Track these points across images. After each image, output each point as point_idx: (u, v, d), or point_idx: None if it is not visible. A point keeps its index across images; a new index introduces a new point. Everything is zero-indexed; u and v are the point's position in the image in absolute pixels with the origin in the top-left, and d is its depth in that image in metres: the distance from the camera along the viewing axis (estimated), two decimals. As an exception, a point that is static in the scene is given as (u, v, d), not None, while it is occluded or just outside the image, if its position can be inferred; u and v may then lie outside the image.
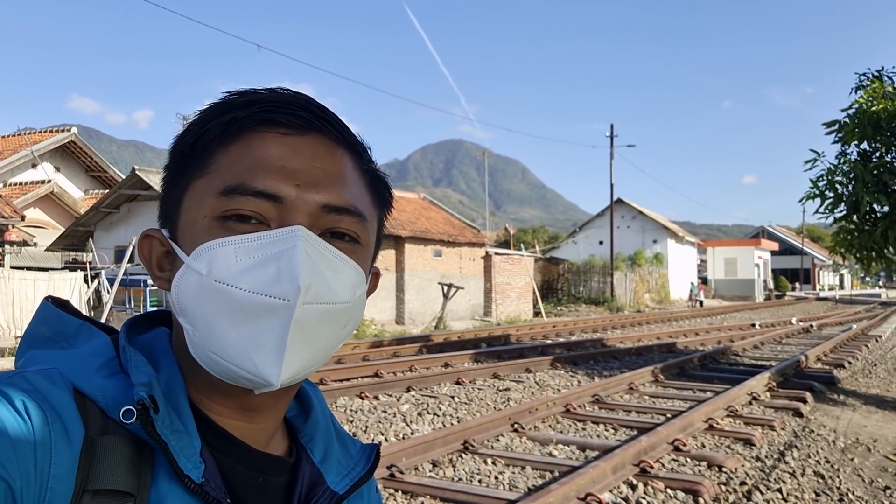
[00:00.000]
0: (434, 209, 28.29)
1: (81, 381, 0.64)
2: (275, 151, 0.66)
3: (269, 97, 0.68)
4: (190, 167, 0.69)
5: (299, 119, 0.68)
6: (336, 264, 0.67)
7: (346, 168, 0.70)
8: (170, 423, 0.64)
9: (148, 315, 0.78)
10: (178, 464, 0.62)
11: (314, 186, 0.67)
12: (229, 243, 0.64)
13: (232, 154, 0.67)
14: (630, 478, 5.23)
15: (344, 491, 0.75)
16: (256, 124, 0.67)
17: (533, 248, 39.30)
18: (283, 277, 0.62)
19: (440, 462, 5.73)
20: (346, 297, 0.67)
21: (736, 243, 63.47)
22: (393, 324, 22.52)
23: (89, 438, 0.60)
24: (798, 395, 8.91)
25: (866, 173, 9.22)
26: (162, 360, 0.70)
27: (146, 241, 0.73)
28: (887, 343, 17.69)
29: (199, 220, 0.66)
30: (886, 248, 9.46)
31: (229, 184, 0.65)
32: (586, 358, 13.10)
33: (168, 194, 0.72)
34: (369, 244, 0.73)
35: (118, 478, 0.60)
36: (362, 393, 8.65)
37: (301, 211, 0.66)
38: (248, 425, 0.71)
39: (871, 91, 9.42)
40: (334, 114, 0.71)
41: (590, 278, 36.89)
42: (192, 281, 0.65)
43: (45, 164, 24.81)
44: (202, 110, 0.70)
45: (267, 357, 0.63)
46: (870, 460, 6.27)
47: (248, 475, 0.70)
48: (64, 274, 17.13)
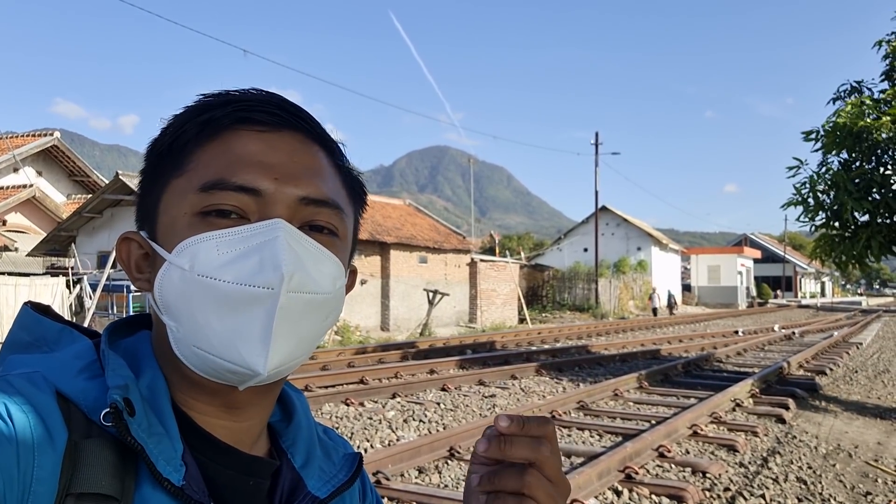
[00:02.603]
0: (419, 215, 28.28)
1: (63, 384, 0.64)
2: (253, 147, 0.67)
3: (244, 97, 0.70)
4: (167, 167, 0.69)
5: (274, 117, 0.69)
6: (317, 255, 0.68)
7: (323, 163, 0.71)
8: (147, 426, 0.63)
9: (130, 319, 0.77)
10: (156, 467, 0.62)
11: (293, 180, 0.67)
12: (211, 238, 0.64)
13: (210, 152, 0.68)
14: (615, 484, 5.25)
15: (325, 496, 0.75)
16: (233, 123, 0.68)
17: (518, 254, 39.42)
18: (266, 267, 0.63)
19: (426, 468, 5.71)
20: (328, 288, 0.68)
21: (719, 251, 63.98)
22: (378, 330, 22.45)
23: (72, 442, 0.59)
24: (781, 402, 8.98)
25: (848, 182, 9.34)
26: (144, 363, 0.69)
27: (124, 244, 0.72)
28: (868, 350, 17.89)
29: (180, 217, 0.67)
30: (867, 255, 9.58)
31: (209, 180, 0.66)
32: (571, 364, 13.13)
33: (145, 196, 0.72)
34: (347, 237, 0.74)
35: (102, 481, 0.59)
36: (347, 399, 8.62)
37: (280, 203, 0.67)
38: (233, 424, 0.71)
39: (853, 106, 9.54)
40: (308, 112, 0.72)
41: (574, 285, 37.02)
42: (175, 277, 0.65)
43: (26, 168, 24.55)
44: (178, 113, 0.71)
45: (253, 346, 0.63)
46: (851, 466, 6.33)
47: (236, 479, 0.69)
48: (46, 279, 16.95)
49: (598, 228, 39.63)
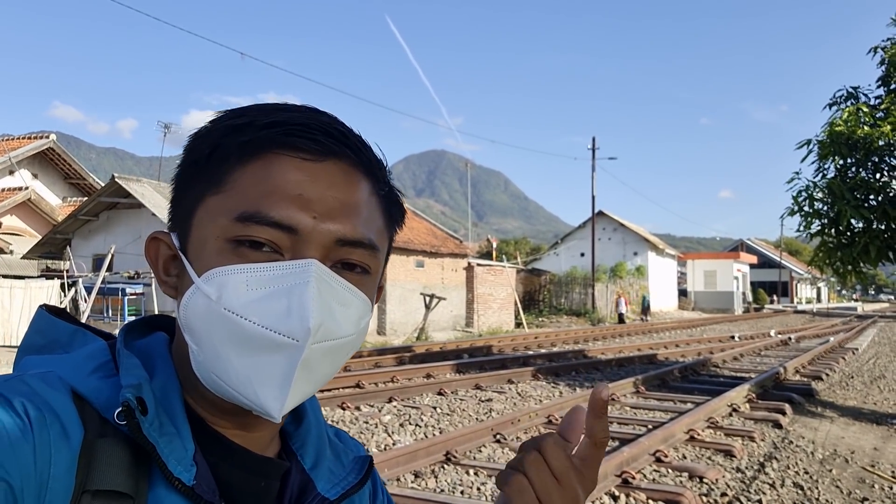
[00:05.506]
0: (416, 220, 28.28)
1: (77, 383, 0.64)
2: (293, 178, 0.65)
3: (290, 119, 0.67)
4: (203, 179, 0.68)
5: (319, 144, 0.66)
6: (346, 298, 0.67)
7: (363, 196, 0.69)
8: (159, 426, 0.63)
9: (147, 320, 0.77)
10: (167, 466, 0.62)
11: (330, 218, 0.66)
12: (241, 271, 0.63)
13: (249, 175, 0.66)
14: (612, 489, 5.24)
15: (335, 498, 0.75)
16: (276, 147, 0.66)
17: (515, 259, 39.42)
18: (293, 316, 0.62)
19: (422, 473, 5.70)
20: (352, 331, 0.68)
21: (715, 256, 64.10)
22: (374, 334, 22.43)
23: (88, 440, 0.60)
24: (777, 407, 8.99)
25: (845, 189, 9.37)
26: (158, 364, 0.69)
27: (153, 244, 0.72)
28: (864, 355, 17.91)
29: (212, 239, 0.66)
30: (863, 262, 9.60)
31: (245, 210, 0.64)
32: (568, 369, 13.13)
33: (179, 200, 0.71)
34: (378, 271, 0.73)
35: (117, 479, 0.60)
36: (344, 403, 8.60)
37: (315, 243, 0.65)
38: (245, 434, 0.72)
39: (850, 114, 9.56)
40: (356, 136, 0.70)
41: (571, 290, 37.04)
42: (200, 304, 0.64)
43: (22, 170, 24.51)
44: (220, 119, 0.69)
45: (270, 391, 0.63)
46: (848, 471, 6.33)
47: (247, 479, 0.70)
48: (41, 282, 16.90)
49: (595, 233, 39.69)
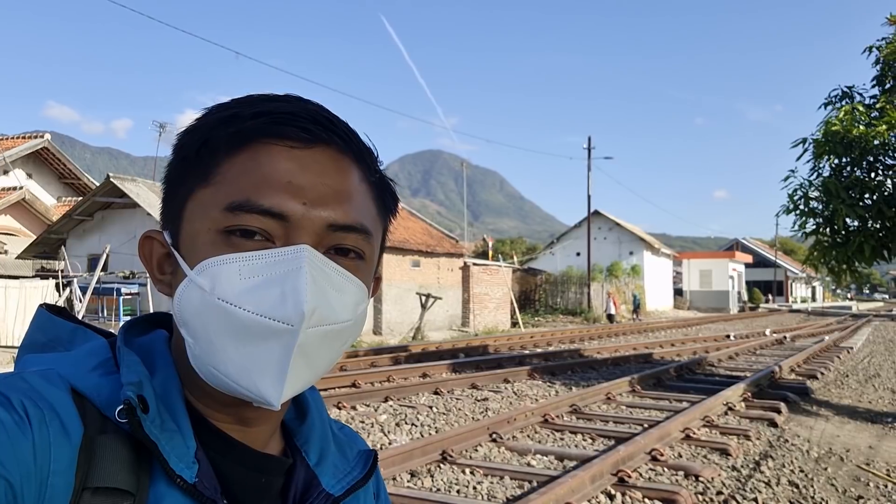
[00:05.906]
0: (412, 219, 28.27)
1: (77, 380, 0.64)
2: (282, 166, 0.65)
3: (277, 108, 0.67)
4: (193, 174, 0.68)
5: (307, 132, 0.66)
6: (340, 283, 0.67)
7: (353, 182, 0.69)
8: (160, 423, 0.63)
9: (147, 317, 0.78)
10: (168, 463, 0.62)
11: (321, 204, 0.66)
12: (234, 261, 0.63)
13: (238, 166, 0.66)
14: (608, 488, 5.25)
15: (340, 493, 0.75)
16: (263, 136, 0.66)
17: (511, 259, 39.45)
18: (287, 301, 0.62)
19: (418, 472, 5.69)
20: (348, 316, 0.67)
21: (711, 255, 64.23)
22: (370, 334, 22.41)
23: (88, 437, 0.60)
24: (772, 406, 9.01)
25: (840, 188, 9.39)
26: (159, 361, 0.69)
27: (147, 242, 0.72)
28: (858, 354, 17.97)
29: (203, 232, 0.66)
30: (858, 261, 9.62)
31: (235, 199, 0.64)
32: (564, 368, 13.14)
33: (170, 199, 0.71)
34: (373, 258, 0.73)
35: (118, 476, 0.60)
36: (339, 403, 8.59)
37: (307, 229, 0.65)
38: (245, 429, 0.71)
39: (845, 113, 9.58)
40: (343, 123, 0.70)
41: (567, 289, 37.06)
42: (194, 296, 0.64)
43: (16, 170, 24.40)
44: (207, 114, 0.69)
45: (268, 379, 0.63)
46: (843, 470, 6.35)
47: (248, 476, 0.70)
48: (35, 282, 16.84)
49: (591, 233, 39.74)
